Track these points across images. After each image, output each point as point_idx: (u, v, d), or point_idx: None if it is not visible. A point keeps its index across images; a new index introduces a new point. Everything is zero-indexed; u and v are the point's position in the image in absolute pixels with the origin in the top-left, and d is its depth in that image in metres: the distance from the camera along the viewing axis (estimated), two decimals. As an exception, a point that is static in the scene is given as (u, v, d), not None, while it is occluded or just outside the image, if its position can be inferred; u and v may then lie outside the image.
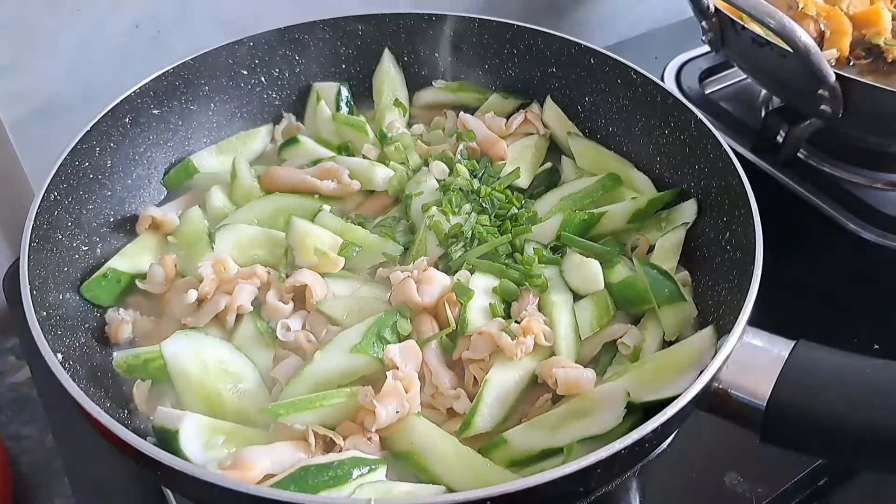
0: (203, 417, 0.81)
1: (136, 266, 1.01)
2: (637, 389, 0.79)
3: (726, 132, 1.46)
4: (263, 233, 1.03)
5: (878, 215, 1.29)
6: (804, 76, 1.13)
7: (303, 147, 1.16)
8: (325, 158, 1.14)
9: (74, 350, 0.87)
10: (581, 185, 1.09)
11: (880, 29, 1.32)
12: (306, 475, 0.73)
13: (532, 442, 0.79)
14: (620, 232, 1.05)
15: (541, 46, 1.23)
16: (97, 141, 1.02)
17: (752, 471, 0.94)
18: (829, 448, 0.73)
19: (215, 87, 1.19)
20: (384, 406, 0.78)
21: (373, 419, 0.78)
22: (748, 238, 0.87)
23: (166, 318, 0.97)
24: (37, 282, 0.85)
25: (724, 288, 0.91)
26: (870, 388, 0.70)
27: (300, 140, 1.17)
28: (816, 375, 0.72)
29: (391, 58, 1.28)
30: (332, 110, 1.22)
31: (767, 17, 1.11)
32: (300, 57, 1.25)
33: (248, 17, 1.30)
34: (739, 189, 0.93)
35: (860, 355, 0.73)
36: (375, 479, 0.76)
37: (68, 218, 0.97)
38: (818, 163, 1.40)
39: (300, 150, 1.16)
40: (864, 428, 0.68)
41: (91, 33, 1.20)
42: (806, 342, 0.74)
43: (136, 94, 1.08)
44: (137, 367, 0.89)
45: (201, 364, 0.86)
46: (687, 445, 0.86)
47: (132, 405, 0.88)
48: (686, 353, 0.82)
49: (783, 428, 0.72)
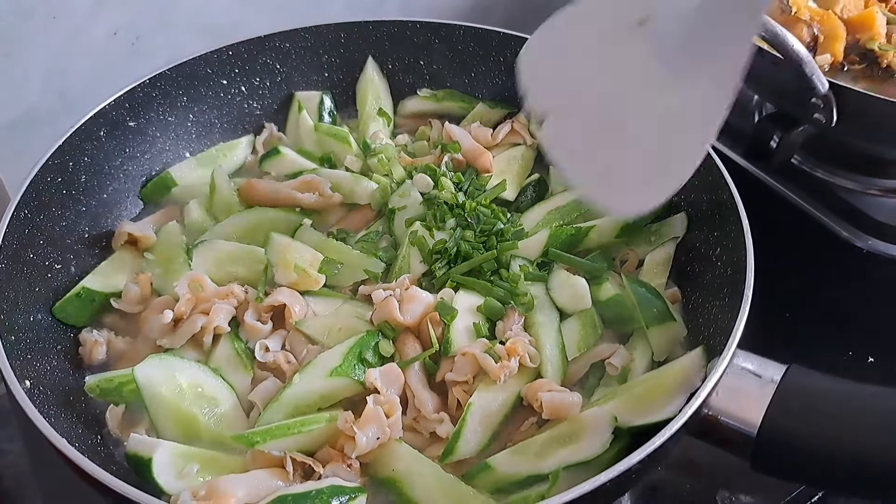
0: (177, 445, 0.80)
1: (111, 285, 0.99)
2: (625, 413, 0.79)
3: (719, 138, 1.46)
4: (242, 249, 1.02)
5: (871, 222, 1.28)
6: (797, 84, 1.12)
7: (284, 159, 1.15)
8: (306, 170, 1.13)
9: (45, 374, 0.87)
10: (568, 197, 1.09)
11: (874, 34, 1.31)
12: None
13: (517, 468, 0.78)
14: (609, 246, 1.04)
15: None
16: (70, 155, 1.02)
17: (744, 489, 0.94)
18: (823, 478, 0.73)
19: (193, 98, 1.18)
20: (364, 433, 0.77)
21: (353, 445, 0.77)
22: (739, 255, 0.86)
23: (142, 339, 0.96)
24: (4, 305, 0.85)
25: (715, 306, 0.90)
26: (863, 416, 0.70)
27: (281, 151, 1.16)
28: (809, 402, 0.72)
29: (375, 66, 1.28)
30: (315, 120, 1.22)
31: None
32: (281, 65, 1.25)
33: (230, 24, 1.30)
34: (730, 203, 0.93)
35: (852, 382, 0.73)
36: None
37: (40, 236, 0.96)
38: (811, 169, 1.40)
39: (281, 161, 1.15)
40: (857, 458, 0.68)
41: (68, 41, 1.19)
42: (798, 367, 0.74)
43: (111, 106, 1.07)
44: (111, 391, 0.89)
45: (176, 388, 0.85)
46: (678, 463, 0.86)
47: (105, 429, 0.87)
48: (675, 376, 0.82)
49: (775, 456, 0.72)
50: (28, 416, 0.71)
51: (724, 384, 0.73)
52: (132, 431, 0.83)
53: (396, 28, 1.26)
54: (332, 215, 1.10)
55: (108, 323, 0.98)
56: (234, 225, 1.06)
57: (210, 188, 1.11)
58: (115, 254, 1.04)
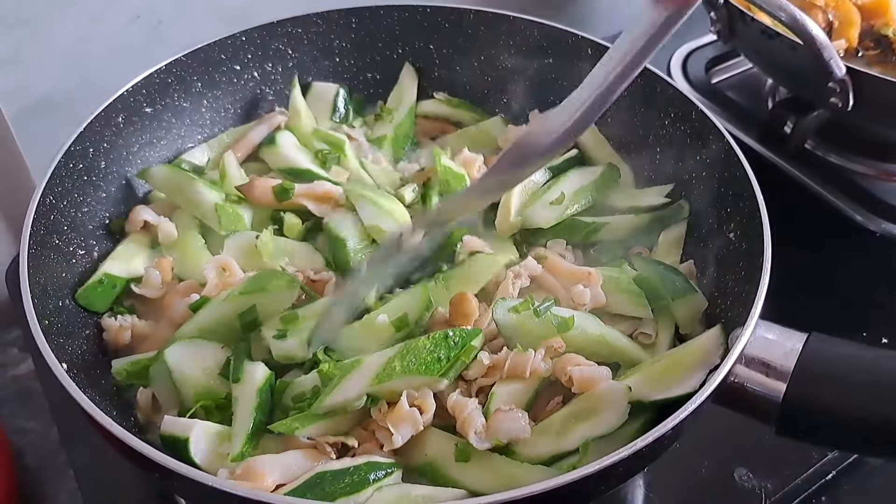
0: (211, 425, 0.85)
1: (130, 270, 1.04)
2: (647, 388, 0.84)
3: (733, 122, 1.51)
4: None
5: (885, 206, 1.35)
6: (814, 69, 1.18)
7: (279, 151, 1.18)
8: (298, 169, 1.15)
9: (77, 358, 0.91)
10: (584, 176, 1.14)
11: (888, 19, 1.38)
12: (322, 482, 0.77)
13: (540, 449, 0.83)
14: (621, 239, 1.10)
15: (538, 37, 1.26)
16: (90, 142, 1.06)
17: (761, 466, 1.00)
18: (847, 440, 0.78)
19: (208, 84, 1.22)
20: (400, 432, 0.81)
21: (385, 435, 0.82)
22: (754, 229, 0.91)
23: (164, 322, 1.00)
24: (37, 289, 0.90)
25: (731, 279, 0.95)
26: (887, 378, 0.74)
27: (277, 142, 1.18)
28: (832, 367, 0.76)
29: (411, 73, 1.32)
30: (329, 112, 1.26)
31: (779, 9, 1.16)
32: (293, 51, 1.29)
33: (250, 7, 1.33)
34: (743, 179, 0.97)
35: (873, 347, 0.78)
36: (392, 482, 0.80)
37: (64, 222, 1.00)
38: (825, 153, 1.46)
39: (276, 153, 1.18)
40: (884, 419, 0.73)
41: (89, 25, 1.23)
42: (818, 334, 0.79)
43: (129, 93, 1.11)
44: (138, 373, 0.93)
45: (206, 369, 0.90)
46: (697, 441, 0.91)
47: (133, 411, 0.93)
48: (694, 353, 0.87)
49: (800, 420, 0.77)
50: (77, 401, 0.75)
51: (748, 352, 0.78)
52: (162, 413, 0.88)
53: (407, 12, 1.30)
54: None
55: (127, 307, 1.03)
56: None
57: (220, 175, 1.15)
58: (130, 237, 1.08)
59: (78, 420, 0.78)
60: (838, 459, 1.02)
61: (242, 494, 0.69)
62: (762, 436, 0.98)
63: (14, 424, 1.18)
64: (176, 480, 0.72)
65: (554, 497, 0.68)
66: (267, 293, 0.94)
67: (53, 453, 1.14)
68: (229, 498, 0.70)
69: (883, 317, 1.21)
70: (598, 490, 0.78)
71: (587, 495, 0.79)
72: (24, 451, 1.15)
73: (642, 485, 1.00)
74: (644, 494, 0.99)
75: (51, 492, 1.10)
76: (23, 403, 1.20)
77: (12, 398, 1.22)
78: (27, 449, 1.15)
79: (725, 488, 0.99)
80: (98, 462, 1.01)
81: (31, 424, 1.18)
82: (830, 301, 1.22)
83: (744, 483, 0.99)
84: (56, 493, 1.10)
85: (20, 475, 1.11)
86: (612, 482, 0.79)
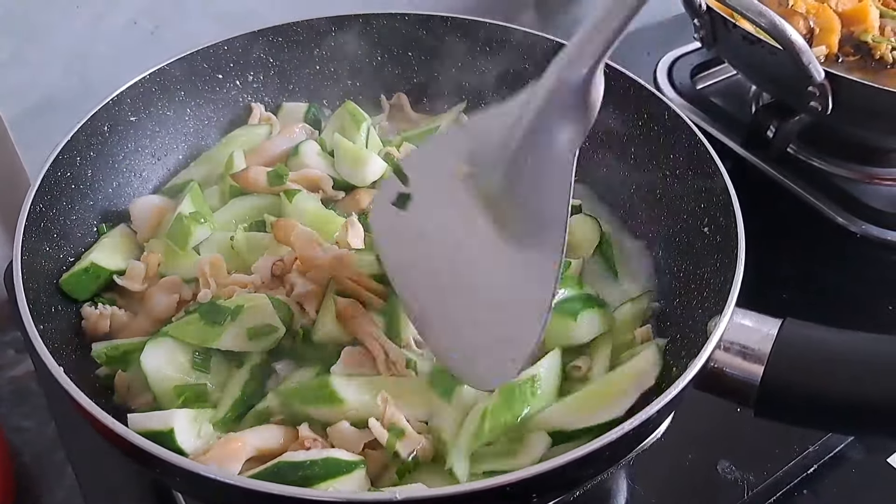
0: (189, 411, 0.94)
1: (116, 262, 1.13)
2: (571, 417, 0.93)
3: (718, 127, 1.65)
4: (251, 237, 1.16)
5: (865, 209, 1.47)
6: (794, 73, 1.29)
7: (301, 161, 1.28)
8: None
9: (71, 361, 1.00)
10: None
11: (868, 26, 1.50)
12: (280, 472, 0.86)
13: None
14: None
15: (513, 44, 1.36)
16: (77, 151, 1.14)
17: (744, 459, 1.09)
18: (822, 418, 0.86)
19: (191, 92, 1.31)
20: (406, 448, 0.91)
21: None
22: (728, 220, 1.00)
23: (143, 315, 1.09)
24: (30, 295, 0.98)
25: (707, 271, 1.04)
26: (862, 358, 0.83)
27: (300, 152, 1.28)
28: (806, 350, 0.85)
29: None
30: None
31: (759, 15, 1.28)
32: (275, 59, 1.39)
33: (247, 11, 1.45)
34: (716, 175, 1.06)
35: (845, 331, 0.86)
36: (348, 482, 0.87)
37: (53, 230, 1.08)
38: (808, 157, 1.59)
39: (299, 163, 1.28)
40: (857, 398, 0.81)
41: (89, 29, 1.34)
42: (793, 320, 0.87)
43: (113, 102, 1.20)
44: (117, 358, 1.02)
45: (180, 366, 1.00)
46: (679, 434, 0.98)
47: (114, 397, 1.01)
48: (628, 376, 0.96)
49: (777, 402, 0.85)
50: (77, 400, 0.83)
51: (726, 338, 0.86)
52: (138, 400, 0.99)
53: (385, 20, 1.40)
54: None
55: (108, 299, 1.11)
56: (232, 211, 1.21)
57: (225, 167, 1.25)
58: (115, 230, 1.18)
59: (75, 417, 0.85)
60: (820, 453, 1.13)
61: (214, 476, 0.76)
62: (745, 429, 1.10)
63: (11, 423, 1.27)
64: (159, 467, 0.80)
65: (540, 483, 0.76)
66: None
67: (49, 451, 1.23)
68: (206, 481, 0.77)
69: (862, 316, 1.31)
70: (583, 476, 0.87)
71: (571, 483, 0.88)
72: (21, 449, 1.24)
73: (626, 477, 1.09)
74: (628, 485, 1.09)
75: (47, 488, 1.19)
76: (20, 403, 1.30)
77: (9, 398, 1.31)
78: (24, 447, 1.25)
79: (708, 480, 1.08)
80: (96, 458, 1.10)
81: (27, 423, 1.27)
82: (811, 299, 1.33)
83: (727, 475, 1.08)
84: (52, 490, 1.19)
85: (18, 472, 1.20)
86: (600, 467, 0.87)
